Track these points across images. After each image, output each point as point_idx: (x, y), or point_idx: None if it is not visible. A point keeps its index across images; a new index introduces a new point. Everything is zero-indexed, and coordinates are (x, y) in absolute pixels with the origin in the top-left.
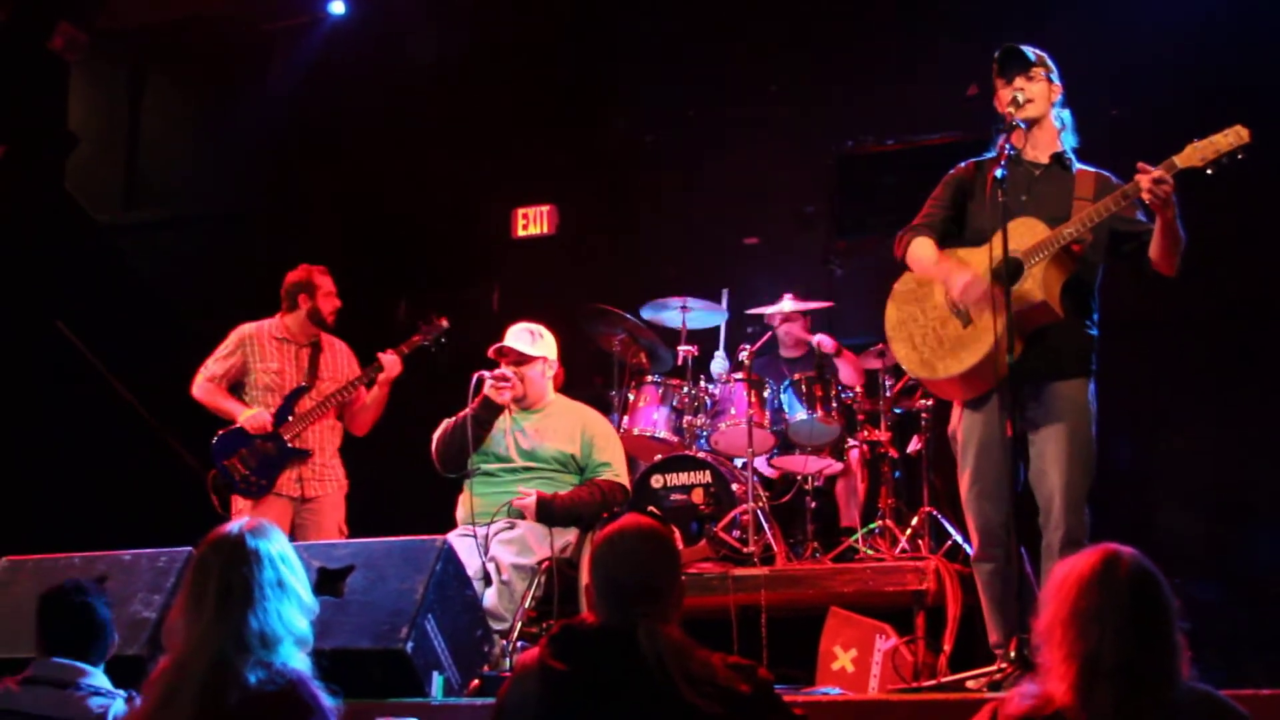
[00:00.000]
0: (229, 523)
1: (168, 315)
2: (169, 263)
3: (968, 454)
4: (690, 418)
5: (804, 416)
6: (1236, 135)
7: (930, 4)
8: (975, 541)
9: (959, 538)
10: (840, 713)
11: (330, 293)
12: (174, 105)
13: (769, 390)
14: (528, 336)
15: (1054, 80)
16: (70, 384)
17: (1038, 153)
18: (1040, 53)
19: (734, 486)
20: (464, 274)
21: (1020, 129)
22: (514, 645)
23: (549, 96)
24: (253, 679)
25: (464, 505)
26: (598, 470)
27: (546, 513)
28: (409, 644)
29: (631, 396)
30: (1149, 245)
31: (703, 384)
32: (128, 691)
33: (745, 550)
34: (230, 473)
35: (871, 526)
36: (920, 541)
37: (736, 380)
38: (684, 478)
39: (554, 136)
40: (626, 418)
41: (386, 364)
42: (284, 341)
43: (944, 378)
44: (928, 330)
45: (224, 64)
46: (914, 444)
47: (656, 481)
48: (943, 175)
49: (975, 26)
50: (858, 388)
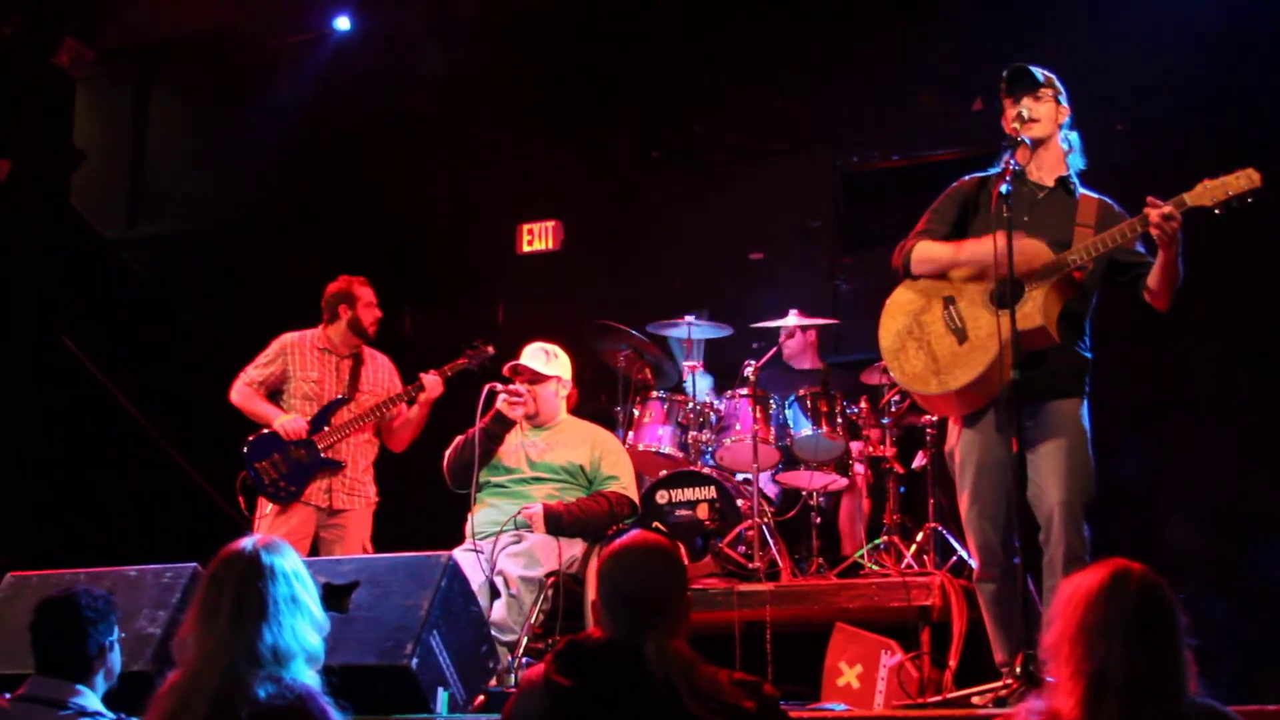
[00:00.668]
0: (242, 538)
1: (174, 329)
2: (175, 277)
3: (966, 473)
4: (695, 433)
5: (809, 432)
6: (1248, 179)
7: (935, 20)
8: (977, 561)
9: (964, 553)
10: None
11: (370, 303)
12: (179, 120)
13: (774, 405)
14: (543, 356)
15: (1062, 102)
16: (77, 399)
17: (1042, 174)
18: (1050, 74)
19: (739, 502)
20: (469, 289)
21: (1025, 146)
22: (519, 661)
23: (554, 112)
24: (262, 694)
25: (473, 518)
26: (605, 483)
27: (554, 522)
28: (414, 660)
29: (636, 412)
30: (1145, 277)
31: (708, 399)
32: (117, 715)
33: (750, 566)
34: (261, 476)
35: (876, 542)
36: (925, 557)
37: (742, 395)
38: (689, 493)
39: (559, 152)
40: (631, 433)
41: (428, 384)
42: (325, 352)
43: (938, 393)
44: (921, 344)
45: (229, 79)
46: (919, 459)
47: (662, 497)
48: (946, 189)
49: (980, 43)
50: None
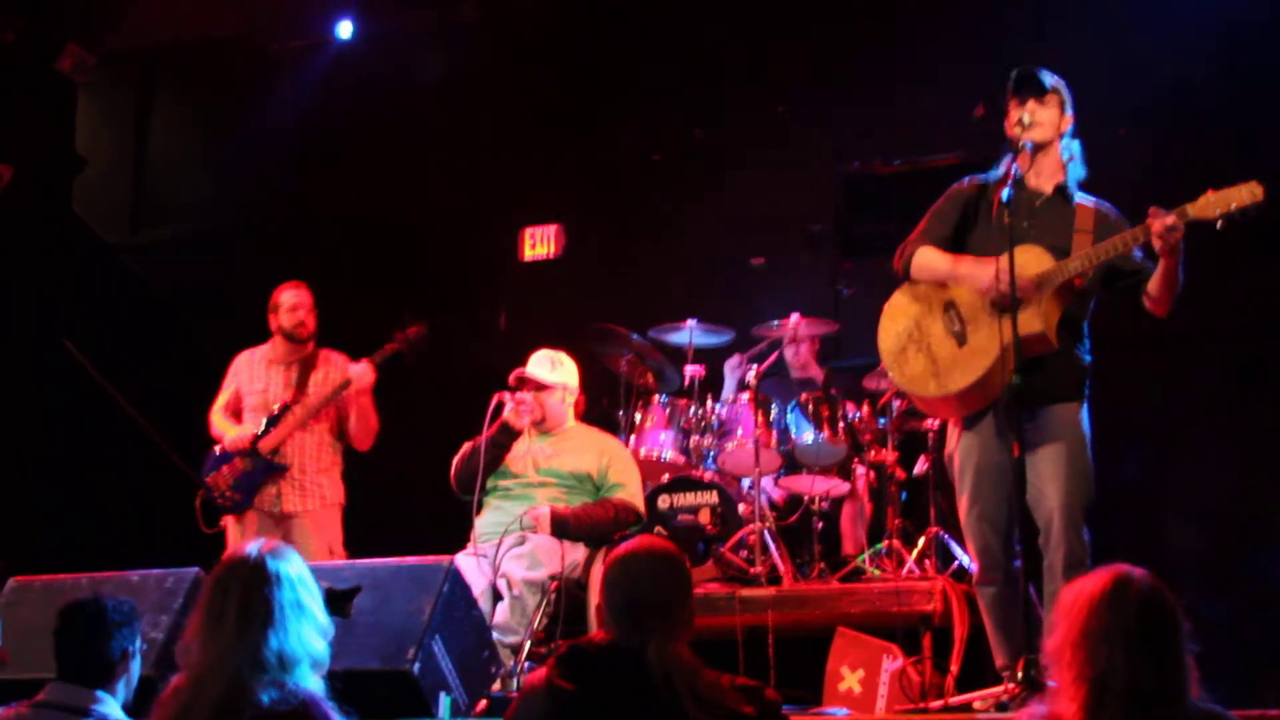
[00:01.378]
0: (245, 544)
1: (176, 334)
2: (178, 282)
3: (965, 477)
4: (697, 438)
5: (811, 437)
6: (1251, 192)
7: (937, 24)
8: (976, 565)
9: (965, 559)
10: None
11: (293, 307)
12: (181, 125)
13: (776, 411)
14: (548, 363)
15: (1067, 110)
16: (78, 403)
17: (1041, 181)
18: (1058, 82)
19: (741, 507)
20: (471, 295)
21: (1026, 152)
22: (522, 665)
23: (555, 116)
24: (265, 699)
25: (480, 522)
26: (612, 490)
27: (560, 526)
28: (416, 665)
29: (638, 417)
30: (1144, 283)
31: (710, 404)
32: None
33: (752, 571)
34: (212, 490)
35: (878, 547)
36: (927, 562)
37: (743, 400)
38: (691, 498)
39: (561, 156)
40: (633, 438)
41: (355, 375)
42: (274, 363)
43: (938, 395)
44: (921, 347)
45: (231, 84)
46: (921, 465)
47: (664, 502)
48: None
49: (982, 47)
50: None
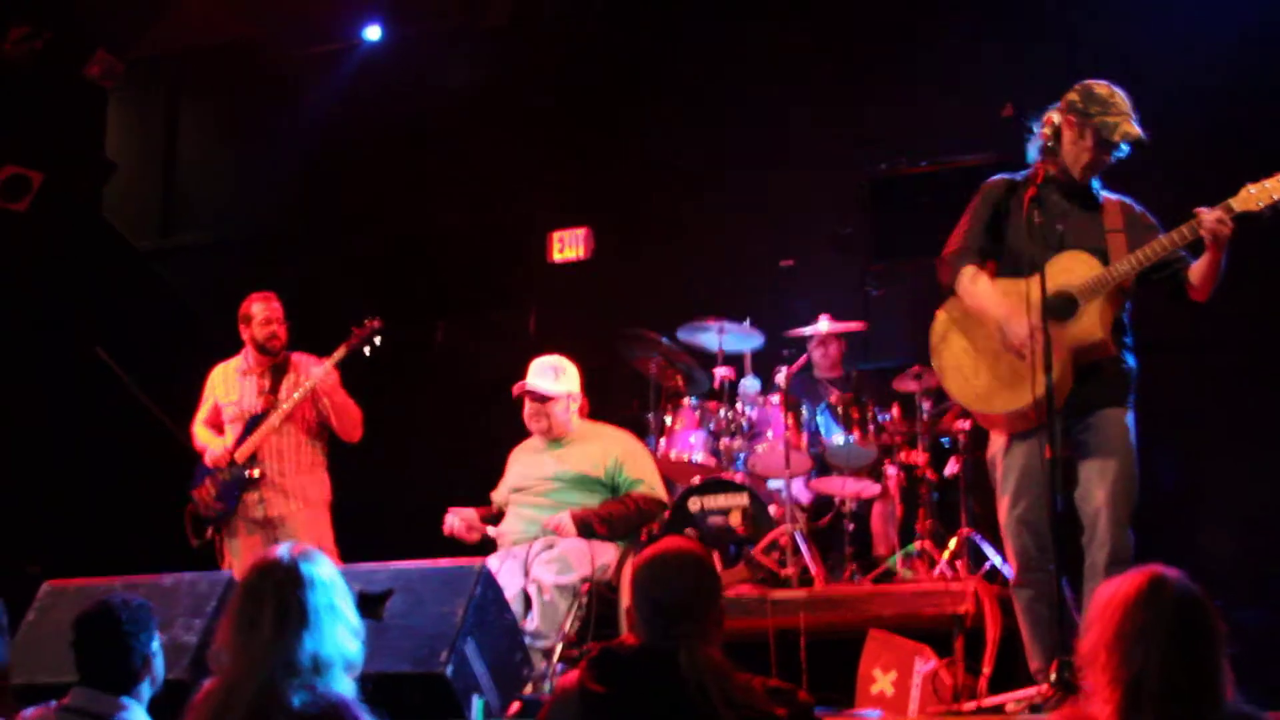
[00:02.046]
0: (276, 547)
1: (206, 339)
2: (208, 287)
3: (1009, 480)
4: (727, 440)
5: (841, 439)
6: None
7: (965, 24)
8: (1014, 567)
9: (997, 560)
10: None
11: (266, 320)
12: (210, 130)
13: (806, 412)
14: (550, 374)
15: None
16: (110, 409)
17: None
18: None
19: (771, 509)
20: (500, 298)
21: (1053, 154)
22: (554, 668)
23: (583, 119)
24: (297, 702)
25: (503, 527)
26: (631, 487)
27: (584, 527)
28: (449, 668)
29: (668, 419)
30: (1180, 273)
31: (739, 406)
32: None
33: (783, 573)
34: (199, 504)
35: (910, 549)
36: (959, 564)
37: (773, 403)
38: (721, 500)
39: (589, 159)
40: (663, 440)
41: (315, 377)
42: (246, 374)
43: (1004, 411)
44: (979, 364)
45: (259, 89)
46: (951, 466)
47: (694, 504)
48: (974, 195)
49: (1010, 47)
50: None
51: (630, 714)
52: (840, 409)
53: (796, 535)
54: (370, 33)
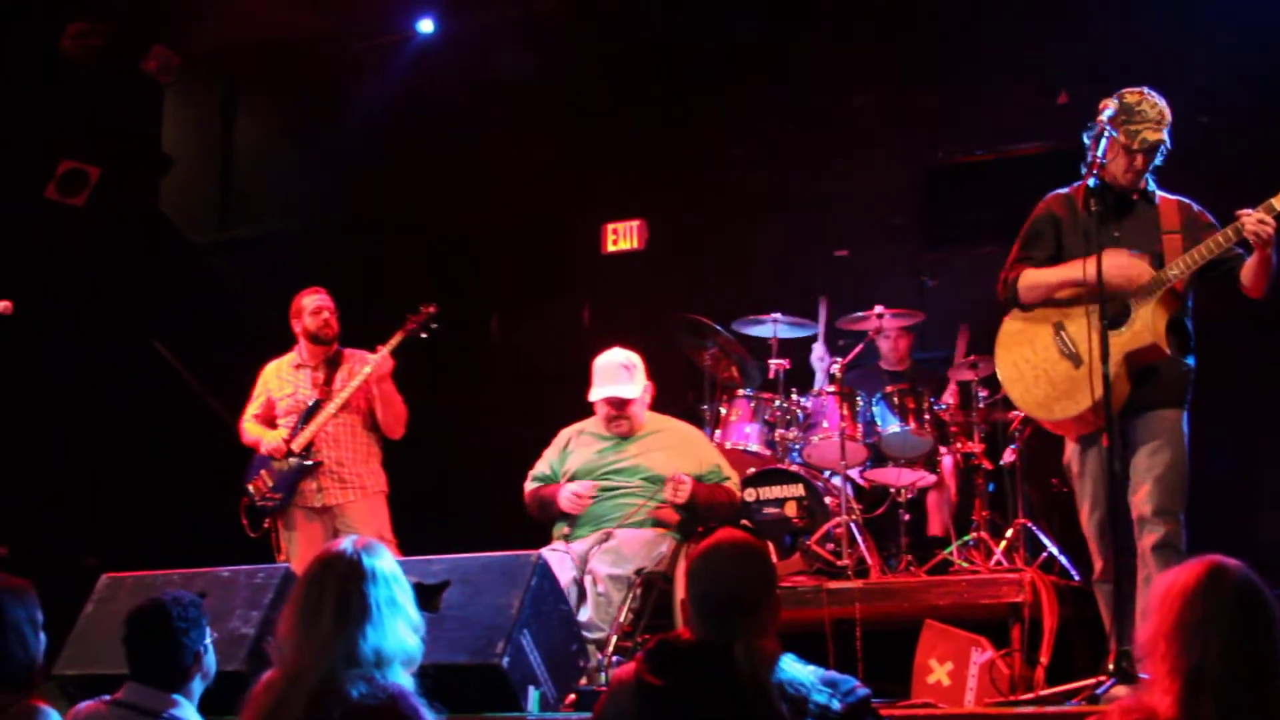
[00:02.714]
0: (339, 540)
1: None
2: (264, 280)
3: (1085, 484)
4: (782, 431)
5: (896, 429)
6: None
7: (1020, 11)
8: (1097, 564)
9: (1054, 549)
10: None
11: (317, 309)
12: (266, 124)
13: (861, 403)
14: (625, 375)
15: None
16: (168, 402)
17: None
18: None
19: (827, 500)
20: (554, 290)
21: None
22: (610, 659)
23: (637, 110)
24: (355, 693)
25: (560, 522)
26: (722, 479)
27: (694, 497)
28: (505, 659)
29: (723, 410)
30: (1236, 271)
31: (794, 397)
32: None
33: (839, 563)
34: (254, 495)
35: (966, 539)
36: (1015, 554)
37: (829, 393)
38: (777, 491)
39: (643, 150)
40: (718, 431)
41: (372, 364)
42: (300, 367)
43: (1063, 418)
44: (1039, 372)
45: (314, 83)
46: (1007, 455)
47: (749, 495)
48: (1033, 184)
49: (1065, 34)
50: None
51: (687, 707)
52: (896, 399)
53: (852, 525)
54: (424, 25)
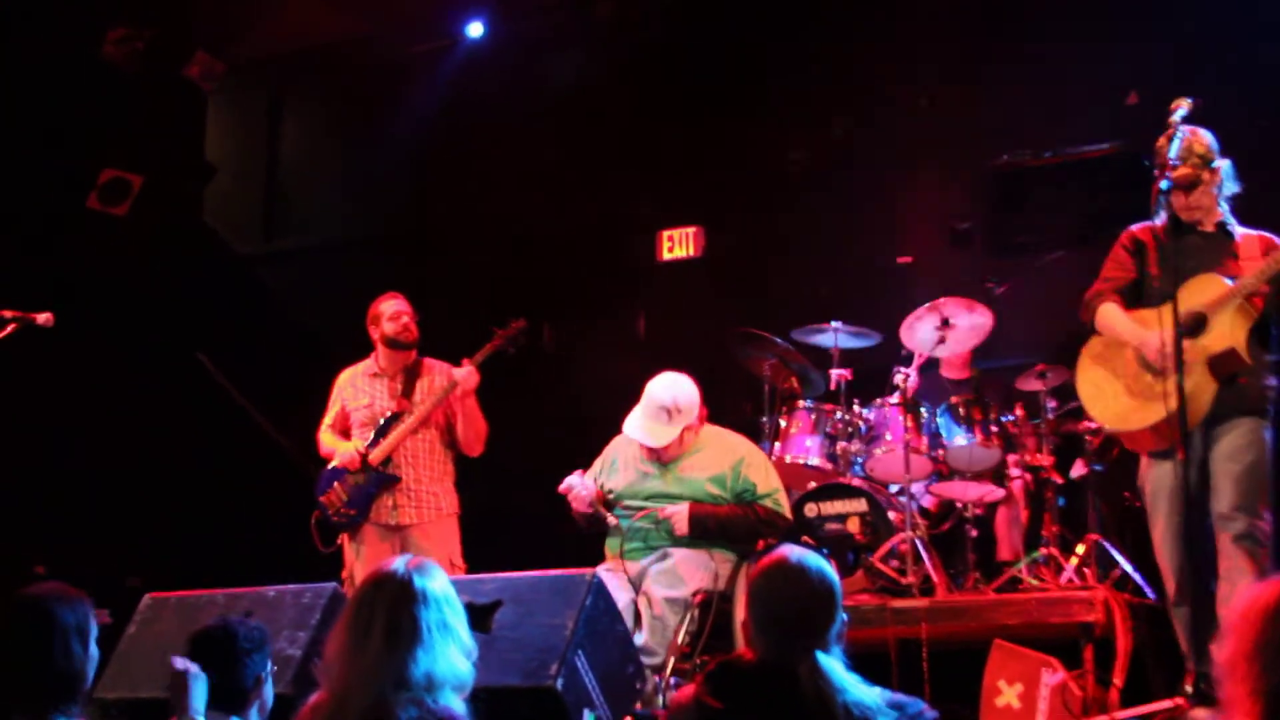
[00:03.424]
0: (391, 560)
1: (311, 345)
2: (311, 292)
3: (1158, 503)
4: (844, 444)
5: (963, 441)
6: None
7: (1088, 8)
8: (1171, 586)
9: (1128, 566)
10: None
11: (395, 314)
12: (313, 132)
13: (926, 414)
14: (664, 418)
15: (1214, 165)
16: (213, 418)
17: (1200, 216)
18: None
19: (891, 515)
20: (609, 299)
21: (1181, 192)
22: (667, 682)
23: (693, 115)
24: (405, 718)
25: (611, 542)
26: (756, 498)
27: (699, 524)
28: (559, 681)
29: (783, 423)
30: None
31: (856, 408)
32: None
33: (904, 581)
34: (327, 508)
35: (1035, 555)
36: (1087, 571)
37: (892, 404)
38: (839, 506)
39: (699, 156)
40: (778, 444)
41: (460, 378)
42: (377, 376)
43: (1140, 429)
44: (1120, 388)
45: (361, 89)
46: (1078, 468)
47: (810, 510)
48: (1101, 187)
49: (1134, 31)
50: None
51: None
52: (962, 410)
53: (917, 542)
54: (473, 29)
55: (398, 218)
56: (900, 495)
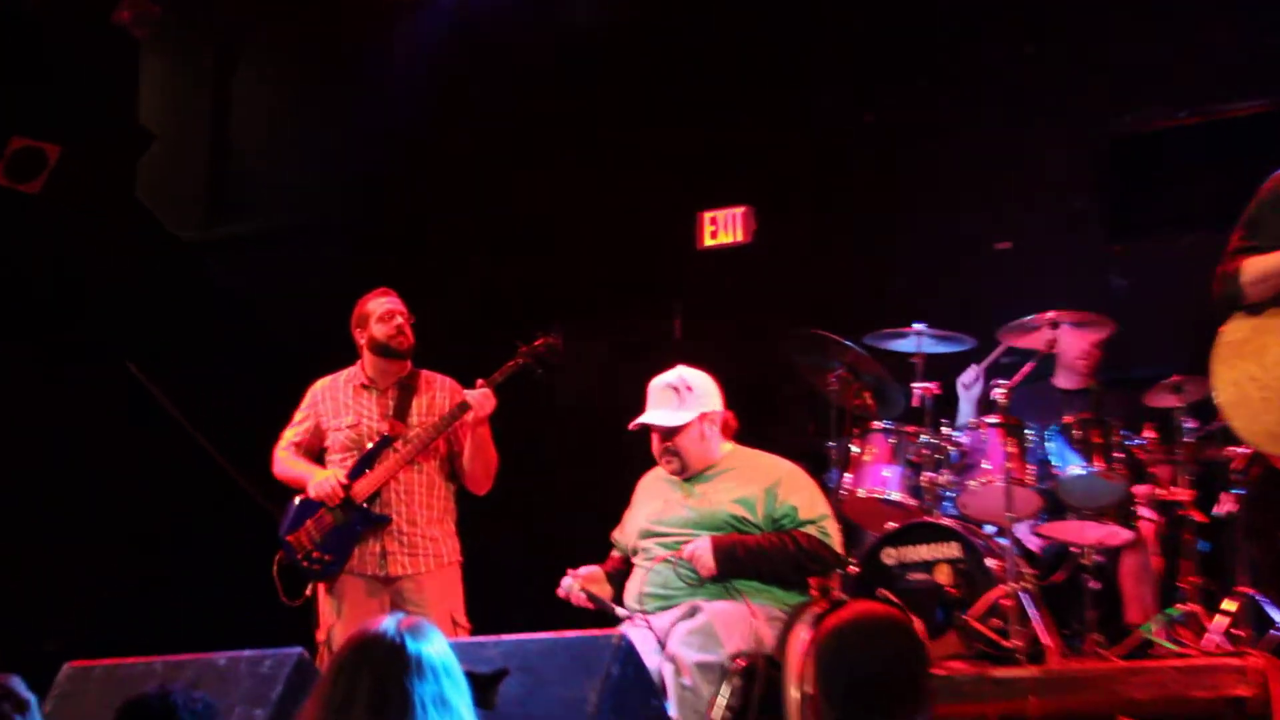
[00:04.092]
0: (380, 619)
1: (266, 352)
2: (267, 287)
3: None
4: (930, 474)
5: (1079, 471)
6: None
7: None
8: None
9: None
10: None
11: (386, 315)
12: (270, 95)
13: (1032, 437)
14: (672, 397)
15: None
16: (146, 439)
17: None
18: None
19: (989, 562)
20: (637, 294)
21: None
22: None
23: (741, 72)
24: None
25: (633, 584)
26: (799, 524)
27: (727, 557)
28: None
29: (855, 449)
30: None
31: (945, 430)
32: None
33: (1007, 645)
34: (294, 550)
35: (1171, 612)
36: (1237, 632)
37: (990, 425)
38: (925, 551)
39: (749, 121)
40: (849, 475)
41: (474, 401)
42: (365, 389)
43: None
44: (1270, 392)
45: (330, 45)
46: (1224, 505)
47: (889, 557)
48: (1251, 153)
49: None
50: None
51: None
52: (1076, 432)
53: (1023, 596)
54: None
55: (374, 198)
56: (1001, 537)
